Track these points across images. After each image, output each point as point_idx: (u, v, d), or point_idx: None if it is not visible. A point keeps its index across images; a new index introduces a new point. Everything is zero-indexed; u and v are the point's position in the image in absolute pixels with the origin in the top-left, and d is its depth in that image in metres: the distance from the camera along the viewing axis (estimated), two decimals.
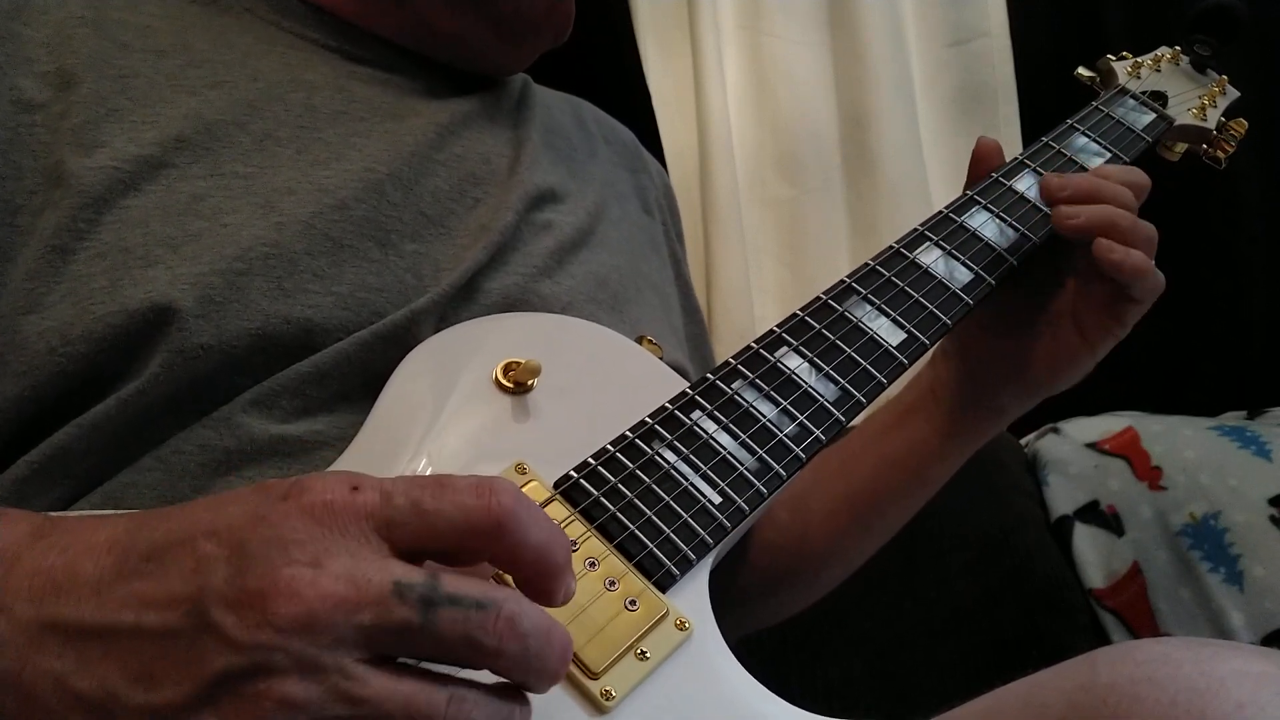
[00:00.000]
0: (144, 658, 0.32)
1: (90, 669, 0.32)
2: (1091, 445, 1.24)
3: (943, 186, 1.39)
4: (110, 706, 0.32)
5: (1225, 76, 0.83)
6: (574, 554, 0.47)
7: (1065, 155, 0.72)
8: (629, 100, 1.32)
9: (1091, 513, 1.20)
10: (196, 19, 0.64)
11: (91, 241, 0.52)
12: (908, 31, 1.43)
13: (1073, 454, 1.24)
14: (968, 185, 0.72)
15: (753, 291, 1.33)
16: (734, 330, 1.29)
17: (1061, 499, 1.22)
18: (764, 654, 1.09)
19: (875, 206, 1.36)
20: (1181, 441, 1.21)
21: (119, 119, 0.56)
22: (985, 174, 0.71)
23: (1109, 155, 0.73)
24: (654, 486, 0.51)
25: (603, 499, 0.49)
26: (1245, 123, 0.79)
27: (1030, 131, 1.38)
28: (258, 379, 0.53)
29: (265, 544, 0.32)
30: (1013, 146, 0.74)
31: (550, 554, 0.36)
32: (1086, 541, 1.19)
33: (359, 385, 0.55)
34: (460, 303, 0.59)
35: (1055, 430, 1.28)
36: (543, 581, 0.36)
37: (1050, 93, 1.35)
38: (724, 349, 1.12)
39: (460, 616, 0.33)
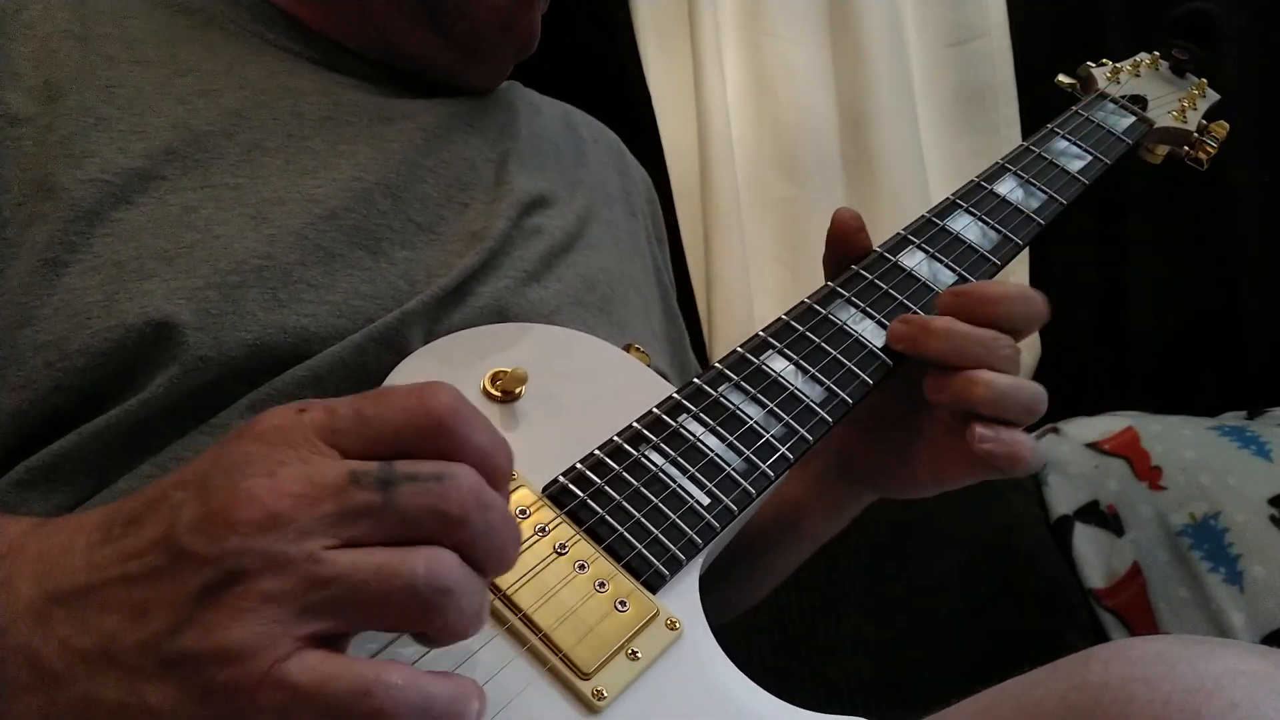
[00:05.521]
0: (134, 600, 0.34)
1: (88, 626, 0.34)
2: (1091, 445, 1.24)
3: (943, 186, 1.38)
4: (112, 652, 0.33)
5: (1204, 80, 0.83)
6: (563, 557, 0.47)
7: (1046, 159, 0.72)
8: (629, 100, 1.32)
9: (1091, 513, 1.20)
10: (183, 31, 0.64)
11: (84, 254, 0.52)
12: (908, 31, 1.42)
13: (1072, 454, 1.24)
14: (826, 263, 0.65)
15: (752, 291, 1.33)
16: (734, 330, 1.29)
17: (1061, 499, 1.22)
18: (762, 652, 1.09)
19: (875, 206, 1.36)
20: (1181, 441, 1.20)
21: (107, 128, 0.56)
22: (844, 247, 0.63)
23: (1090, 158, 0.73)
24: (642, 489, 0.51)
25: (590, 501, 0.49)
26: (1226, 125, 0.79)
27: (1030, 132, 1.38)
28: (255, 385, 0.53)
29: (223, 472, 0.34)
30: (1012, 147, 0.74)
31: (494, 454, 0.37)
32: (1086, 541, 1.19)
33: (352, 388, 0.55)
34: (450, 306, 0.60)
35: (1055, 430, 1.28)
36: (490, 482, 0.37)
37: (1050, 93, 1.35)
38: (723, 349, 1.12)
39: (420, 490, 0.34)
